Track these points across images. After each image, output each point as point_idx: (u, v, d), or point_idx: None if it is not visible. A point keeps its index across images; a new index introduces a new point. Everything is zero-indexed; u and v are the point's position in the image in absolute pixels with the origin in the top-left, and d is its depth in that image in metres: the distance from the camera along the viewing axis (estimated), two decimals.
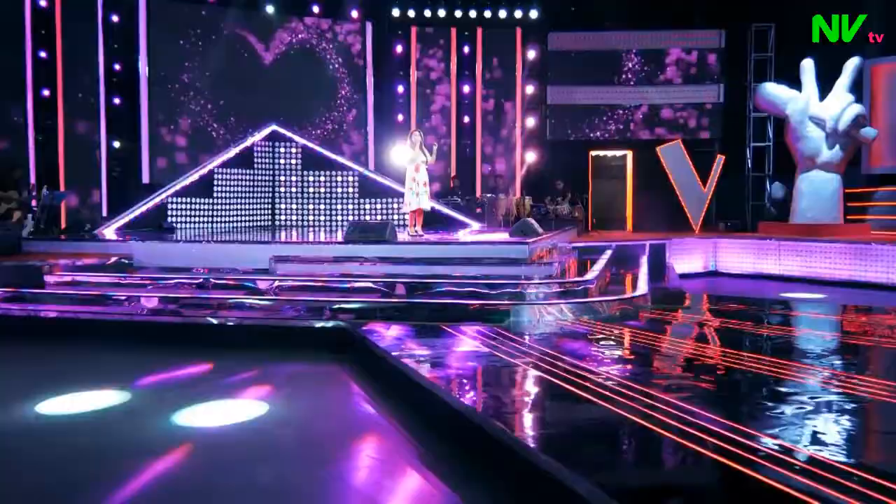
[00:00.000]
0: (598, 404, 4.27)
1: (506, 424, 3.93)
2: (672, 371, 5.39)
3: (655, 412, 4.03)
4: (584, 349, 5.99)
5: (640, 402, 4.23)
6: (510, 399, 4.68)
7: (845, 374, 5.04)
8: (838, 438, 3.72)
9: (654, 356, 5.81)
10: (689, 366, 5.55)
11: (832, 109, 14.43)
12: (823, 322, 7.91)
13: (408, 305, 7.66)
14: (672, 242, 14.53)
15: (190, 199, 13.47)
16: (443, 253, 9.03)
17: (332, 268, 8.95)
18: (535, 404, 4.55)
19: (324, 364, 6.81)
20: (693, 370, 5.36)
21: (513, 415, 4.27)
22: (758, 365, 5.29)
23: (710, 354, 5.94)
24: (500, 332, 6.73)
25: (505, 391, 4.91)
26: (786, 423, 3.93)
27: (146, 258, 9.85)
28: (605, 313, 7.68)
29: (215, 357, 7.05)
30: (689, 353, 5.99)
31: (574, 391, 4.60)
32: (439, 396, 4.75)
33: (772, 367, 5.22)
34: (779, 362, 5.35)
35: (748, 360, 5.46)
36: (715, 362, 5.54)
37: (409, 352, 6.02)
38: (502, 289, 7.95)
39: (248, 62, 16.25)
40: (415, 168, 10.35)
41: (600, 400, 4.34)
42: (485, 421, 4.06)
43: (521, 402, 4.61)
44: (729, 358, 5.60)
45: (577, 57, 17.00)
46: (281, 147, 14.78)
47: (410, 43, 17.03)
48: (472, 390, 4.90)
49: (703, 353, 6.03)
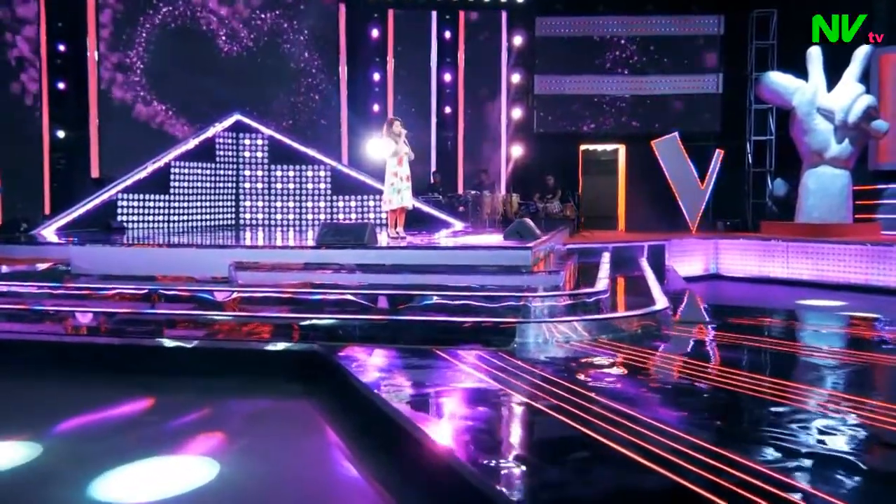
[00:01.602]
0: (657, 472, 3.11)
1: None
2: (746, 421, 4.21)
3: (747, 490, 2.87)
4: (617, 384, 4.81)
5: (719, 472, 3.05)
6: (535, 463, 3.48)
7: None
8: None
9: (713, 395, 4.63)
10: (765, 412, 4.37)
11: (842, 101, 13.52)
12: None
13: (392, 324, 6.45)
14: (671, 243, 13.49)
15: (143, 196, 12.14)
16: (431, 259, 7.82)
17: (302, 276, 7.69)
18: (574, 471, 3.36)
19: (291, 398, 5.61)
20: (773, 419, 4.19)
21: (544, 489, 3.08)
22: (864, 411, 4.15)
23: (782, 392, 4.77)
24: (507, 359, 5.55)
25: (528, 451, 3.72)
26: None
27: (86, 264, 8.49)
28: (627, 331, 6.54)
29: (159, 389, 5.82)
30: (754, 390, 4.82)
31: (621, 451, 3.42)
32: (444, 459, 3.56)
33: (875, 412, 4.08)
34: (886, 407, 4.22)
35: (837, 402, 4.31)
36: (798, 405, 4.37)
37: (396, 388, 4.81)
38: (502, 302, 6.76)
39: (209, 45, 14.89)
40: (397, 161, 9.12)
41: (659, 466, 3.18)
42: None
43: (553, 469, 3.41)
44: (800, 393, 4.47)
45: (567, 43, 15.95)
46: (246, 138, 13.51)
47: (387, 27, 15.79)
48: (484, 449, 3.69)
49: (770, 389, 4.86)
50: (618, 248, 12.74)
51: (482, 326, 6.31)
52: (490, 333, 6.24)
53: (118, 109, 14.21)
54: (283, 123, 15.12)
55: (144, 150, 13.67)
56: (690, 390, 4.73)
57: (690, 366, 5.25)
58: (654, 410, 4.16)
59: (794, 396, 4.53)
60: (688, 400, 4.52)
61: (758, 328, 7.36)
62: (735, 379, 4.92)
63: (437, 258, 7.84)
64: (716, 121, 15.79)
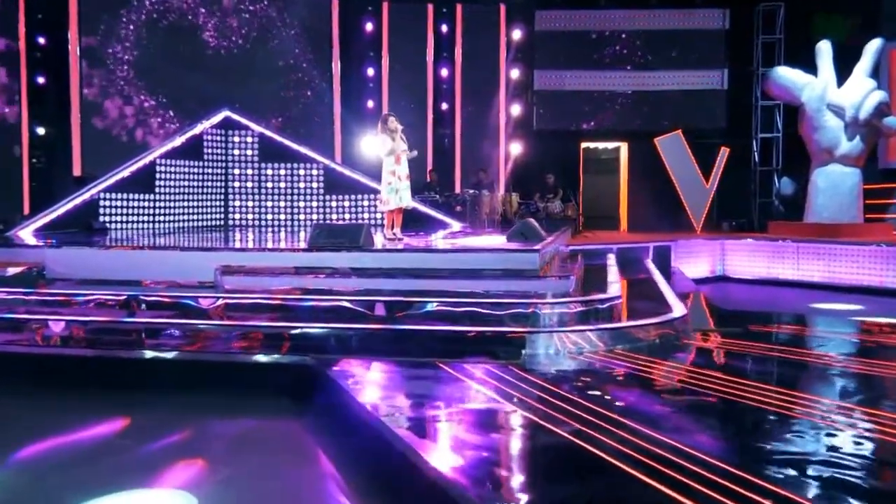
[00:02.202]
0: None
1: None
2: (798, 448, 3.70)
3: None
4: (643, 404, 4.31)
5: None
6: (557, 500, 2.99)
7: None
8: None
9: (752, 417, 4.12)
10: (816, 437, 3.86)
11: (852, 96, 13.07)
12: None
13: (391, 334, 5.94)
14: (677, 244, 13.02)
15: (127, 195, 11.55)
16: (431, 262, 7.29)
17: (293, 281, 7.16)
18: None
19: (280, 418, 5.10)
20: (827, 444, 3.69)
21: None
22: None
23: (829, 412, 4.27)
24: (518, 374, 5.06)
25: (548, 485, 3.20)
26: None
27: (62, 268, 7.92)
28: (644, 341, 6.05)
29: (134, 407, 5.31)
30: (797, 410, 4.31)
31: (660, 488, 2.92)
32: (452, 496, 3.07)
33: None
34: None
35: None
36: (852, 429, 3.87)
37: (397, 410, 4.32)
38: (509, 309, 6.25)
39: (197, 39, 14.33)
40: (394, 160, 8.61)
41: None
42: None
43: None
44: (851, 415, 3.97)
45: (567, 38, 15.46)
46: (235, 136, 12.94)
47: (382, 20, 15.26)
48: (498, 484, 3.17)
49: (813, 408, 4.36)
50: (622, 249, 12.29)
51: (489, 336, 5.81)
52: (498, 344, 5.75)
53: (101, 105, 13.63)
54: (273, 120, 14.58)
55: (129, 147, 13.16)
56: (727, 412, 4.23)
57: (721, 382, 4.75)
58: (692, 436, 3.67)
59: (844, 418, 4.03)
60: (727, 424, 4.01)
61: (783, 337, 6.89)
62: (774, 397, 4.43)
63: (437, 261, 7.31)
64: (721, 118, 15.36)
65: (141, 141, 13.34)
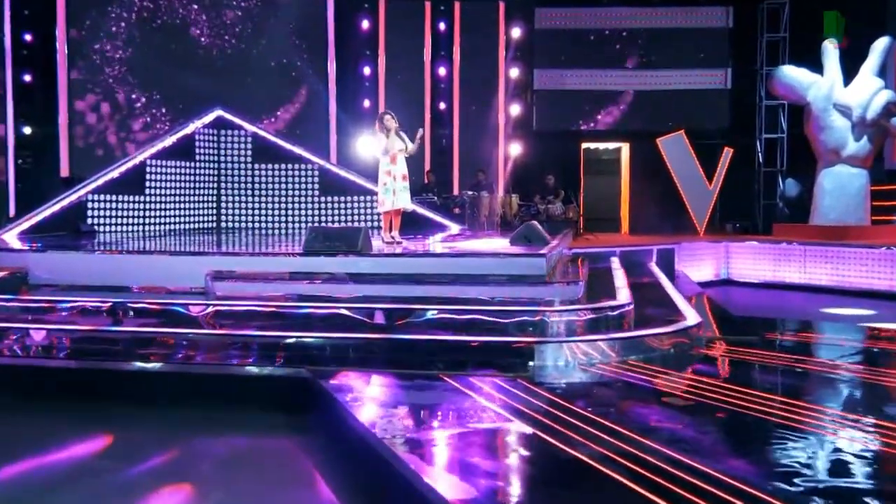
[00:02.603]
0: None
1: None
2: (844, 474, 3.38)
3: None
4: (670, 424, 3.99)
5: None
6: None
7: None
8: None
9: (794, 437, 3.79)
10: (865, 458, 3.55)
11: (859, 96, 12.85)
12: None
13: (392, 344, 5.61)
14: (681, 247, 12.72)
15: (116, 197, 11.18)
16: (432, 268, 6.96)
17: (288, 288, 6.83)
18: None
19: (273, 436, 4.78)
20: (873, 466, 3.37)
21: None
22: None
23: (869, 430, 3.95)
24: (528, 388, 4.74)
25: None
26: None
27: (46, 273, 7.57)
28: (658, 351, 5.74)
29: (118, 424, 4.98)
30: (837, 431, 4.00)
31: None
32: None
33: None
34: None
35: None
36: None
37: (400, 430, 3.98)
38: (515, 318, 5.93)
39: (188, 36, 13.98)
40: (390, 159, 8.27)
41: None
42: None
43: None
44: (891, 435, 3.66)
45: (568, 36, 15.19)
46: (227, 135, 12.58)
47: (378, 18, 14.94)
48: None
49: (853, 426, 4.04)
50: (625, 252, 11.97)
51: (495, 347, 5.49)
52: (504, 355, 5.42)
53: (90, 104, 13.28)
54: (267, 119, 14.24)
55: (118, 147, 12.80)
56: (761, 432, 3.90)
57: (748, 398, 4.43)
58: (726, 461, 3.34)
59: (885, 438, 3.72)
60: (762, 446, 3.69)
61: (802, 346, 6.59)
62: (807, 415, 4.11)
63: (439, 266, 6.98)
64: (724, 117, 15.12)
65: (131, 141, 12.98)
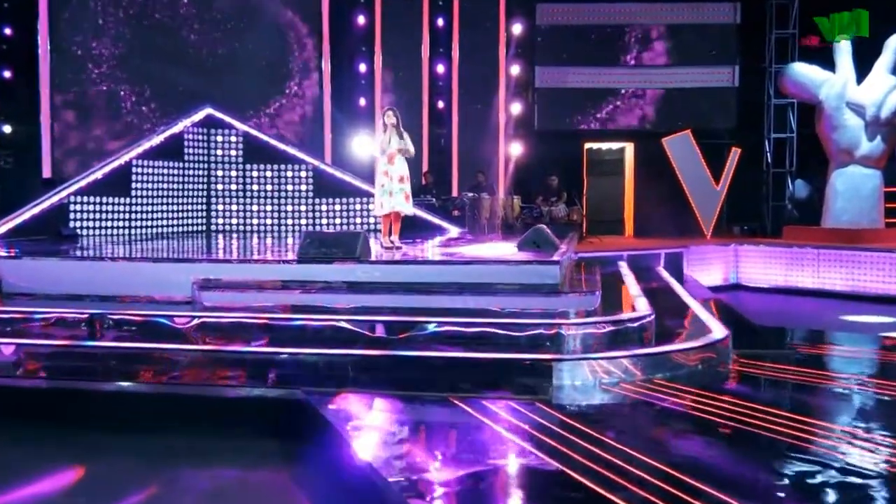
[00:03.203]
0: None
1: None
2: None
3: None
4: (715, 458, 3.51)
5: None
6: None
7: None
8: None
9: (860, 471, 3.32)
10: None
11: (873, 94, 12.47)
12: None
13: (395, 362, 5.11)
14: (690, 251, 12.27)
15: (100, 199, 10.68)
16: (437, 276, 6.47)
17: (281, 298, 6.33)
18: None
19: (265, 467, 4.31)
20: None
21: None
22: None
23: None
24: (549, 413, 4.27)
25: None
26: None
27: (21, 282, 7.06)
28: (685, 368, 5.27)
29: (91, 453, 4.50)
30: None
31: None
32: None
33: None
34: None
35: None
36: None
37: (410, 470, 3.46)
38: (528, 331, 5.45)
39: (177, 31, 13.45)
40: (388, 159, 7.79)
41: None
42: None
43: None
44: None
45: (570, 32, 14.74)
46: (218, 135, 12.10)
47: (374, 13, 14.44)
48: None
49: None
50: (632, 256, 11.53)
51: (510, 365, 5.00)
52: (520, 374, 4.94)
53: (73, 101, 12.73)
54: (259, 118, 13.72)
55: (102, 146, 12.29)
56: (831, 472, 3.41)
57: (800, 426, 3.95)
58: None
59: None
60: (835, 490, 3.20)
61: (840, 362, 6.12)
62: (869, 446, 3.63)
63: (444, 275, 6.48)
64: (732, 116, 14.70)
65: (116, 140, 12.44)
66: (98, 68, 12.85)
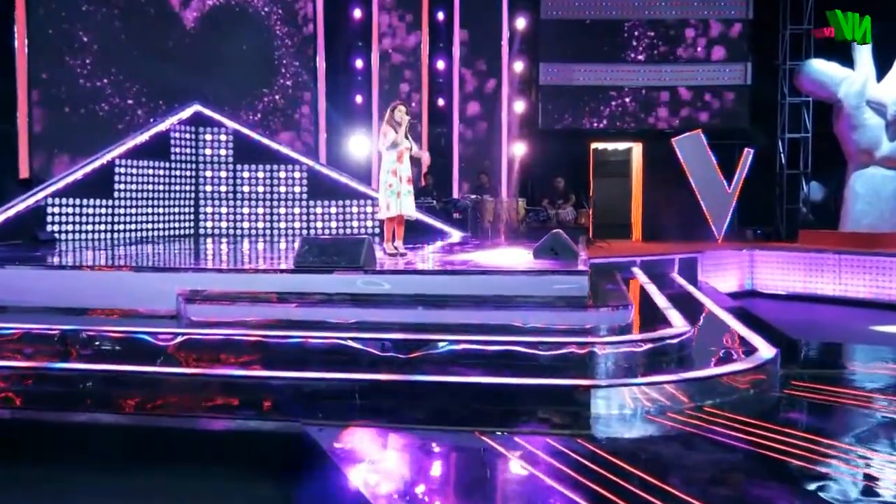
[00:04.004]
0: None
1: None
2: None
3: None
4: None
5: None
6: None
7: None
8: None
9: None
10: None
11: (895, 92, 11.86)
12: None
13: (410, 389, 4.48)
14: (704, 256, 11.71)
15: (80, 201, 10.10)
16: (450, 287, 5.83)
17: (277, 312, 5.69)
18: None
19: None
20: None
21: None
22: None
23: None
24: (596, 454, 3.64)
25: None
26: None
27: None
28: (735, 392, 4.67)
29: (59, 494, 3.82)
30: None
31: None
32: None
33: None
34: None
35: None
36: None
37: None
38: (556, 349, 4.84)
39: (163, 24, 12.81)
40: (397, 156, 7.17)
41: None
42: None
43: None
44: None
45: (576, 27, 14.11)
46: (207, 133, 11.53)
47: (372, 7, 13.83)
48: None
49: None
50: (645, 262, 10.95)
51: (542, 391, 4.38)
52: (553, 402, 4.32)
53: (52, 97, 12.06)
54: (250, 116, 13.09)
55: (85, 145, 11.62)
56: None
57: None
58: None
59: None
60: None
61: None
62: None
63: (457, 285, 5.85)
64: (744, 116, 14.11)
65: (98, 138, 11.78)
66: (78, 61, 12.16)
